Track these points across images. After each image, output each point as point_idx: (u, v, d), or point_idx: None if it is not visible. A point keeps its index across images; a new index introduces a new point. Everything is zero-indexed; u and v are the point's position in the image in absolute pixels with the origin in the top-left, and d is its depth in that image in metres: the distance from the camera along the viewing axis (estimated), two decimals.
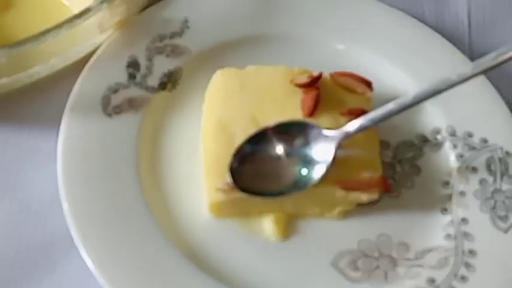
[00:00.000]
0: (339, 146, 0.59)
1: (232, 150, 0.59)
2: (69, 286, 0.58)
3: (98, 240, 0.57)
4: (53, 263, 0.58)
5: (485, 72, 0.58)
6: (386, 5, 0.73)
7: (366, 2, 0.73)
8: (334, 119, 0.61)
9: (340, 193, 0.59)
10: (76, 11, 0.61)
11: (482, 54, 0.73)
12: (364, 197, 0.60)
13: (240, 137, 0.59)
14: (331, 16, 0.71)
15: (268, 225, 0.61)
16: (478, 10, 0.78)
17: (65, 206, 0.58)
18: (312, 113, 0.60)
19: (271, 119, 0.60)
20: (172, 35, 0.67)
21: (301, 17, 0.70)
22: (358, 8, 0.72)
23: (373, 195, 0.60)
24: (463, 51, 0.71)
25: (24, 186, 0.61)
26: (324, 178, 0.58)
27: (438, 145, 0.67)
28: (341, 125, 0.60)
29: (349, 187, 0.59)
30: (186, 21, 0.68)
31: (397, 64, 0.69)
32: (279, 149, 0.60)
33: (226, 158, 0.58)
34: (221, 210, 0.60)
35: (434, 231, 0.62)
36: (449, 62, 0.70)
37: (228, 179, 0.57)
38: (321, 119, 0.60)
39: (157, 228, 0.58)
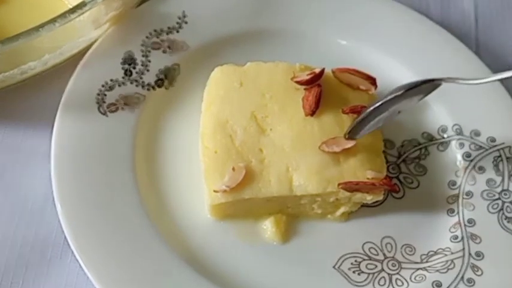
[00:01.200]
0: None
1: (232, 149, 0.58)
2: (63, 286, 0.57)
3: (92, 241, 0.56)
4: (47, 263, 0.58)
5: None
6: (390, 0, 0.71)
7: None
8: (336, 117, 0.60)
9: (343, 195, 0.58)
10: (71, 6, 0.59)
11: (489, 50, 0.73)
12: (368, 198, 0.59)
13: (241, 136, 0.58)
14: (333, 11, 0.70)
15: (268, 227, 0.60)
16: (484, 3, 0.76)
17: (59, 206, 0.57)
18: (313, 111, 0.59)
19: (272, 118, 0.59)
20: (170, 30, 0.66)
21: (303, 12, 0.69)
22: (362, 3, 0.70)
23: (377, 196, 0.59)
24: (469, 46, 0.70)
25: (18, 186, 0.61)
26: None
27: (444, 144, 0.66)
28: (343, 124, 0.59)
29: (352, 188, 0.57)
30: (183, 15, 0.67)
31: (401, 60, 0.68)
32: None
33: (226, 158, 0.57)
34: (222, 212, 0.59)
35: (440, 233, 0.61)
36: (455, 57, 0.69)
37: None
38: (323, 117, 0.59)
39: (153, 230, 0.57)
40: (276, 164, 0.57)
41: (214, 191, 0.56)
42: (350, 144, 0.58)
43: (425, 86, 0.55)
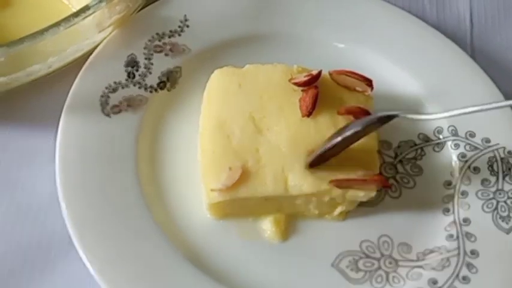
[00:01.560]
0: None
1: (229, 149, 0.58)
2: (68, 286, 0.58)
3: (96, 240, 0.56)
4: (52, 263, 0.58)
5: None
6: (386, 3, 0.72)
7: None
8: (332, 118, 0.60)
9: (336, 192, 0.58)
10: (75, 9, 0.60)
11: (484, 53, 0.73)
12: (361, 194, 0.59)
13: (238, 136, 0.59)
14: (331, 14, 0.70)
15: (267, 226, 0.61)
16: (480, 7, 0.77)
17: (63, 206, 0.57)
18: (310, 112, 0.60)
19: (269, 118, 0.60)
20: (172, 34, 0.67)
21: (301, 15, 0.70)
22: (358, 5, 0.71)
23: (370, 193, 0.59)
24: (464, 50, 0.70)
25: (23, 187, 0.61)
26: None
27: (440, 145, 0.66)
28: (338, 125, 0.59)
29: (344, 185, 0.58)
30: (185, 19, 0.68)
31: (397, 62, 0.69)
32: None
33: (224, 157, 0.58)
34: (220, 211, 0.60)
35: (436, 232, 0.62)
36: (451, 60, 0.69)
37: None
38: (319, 119, 0.60)
39: (156, 229, 0.58)
40: (272, 164, 0.58)
41: (211, 190, 0.57)
42: None
43: (382, 119, 0.57)
